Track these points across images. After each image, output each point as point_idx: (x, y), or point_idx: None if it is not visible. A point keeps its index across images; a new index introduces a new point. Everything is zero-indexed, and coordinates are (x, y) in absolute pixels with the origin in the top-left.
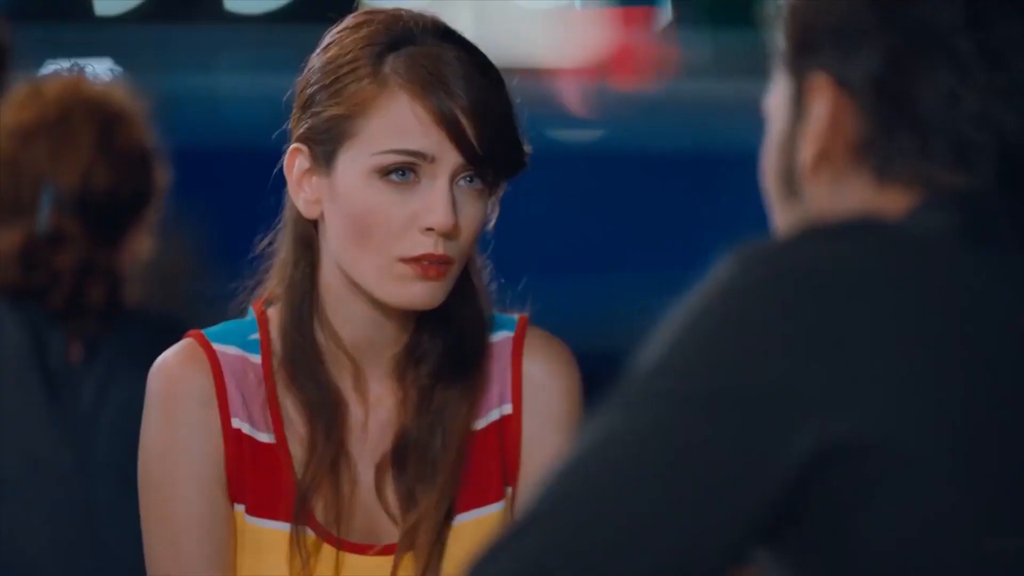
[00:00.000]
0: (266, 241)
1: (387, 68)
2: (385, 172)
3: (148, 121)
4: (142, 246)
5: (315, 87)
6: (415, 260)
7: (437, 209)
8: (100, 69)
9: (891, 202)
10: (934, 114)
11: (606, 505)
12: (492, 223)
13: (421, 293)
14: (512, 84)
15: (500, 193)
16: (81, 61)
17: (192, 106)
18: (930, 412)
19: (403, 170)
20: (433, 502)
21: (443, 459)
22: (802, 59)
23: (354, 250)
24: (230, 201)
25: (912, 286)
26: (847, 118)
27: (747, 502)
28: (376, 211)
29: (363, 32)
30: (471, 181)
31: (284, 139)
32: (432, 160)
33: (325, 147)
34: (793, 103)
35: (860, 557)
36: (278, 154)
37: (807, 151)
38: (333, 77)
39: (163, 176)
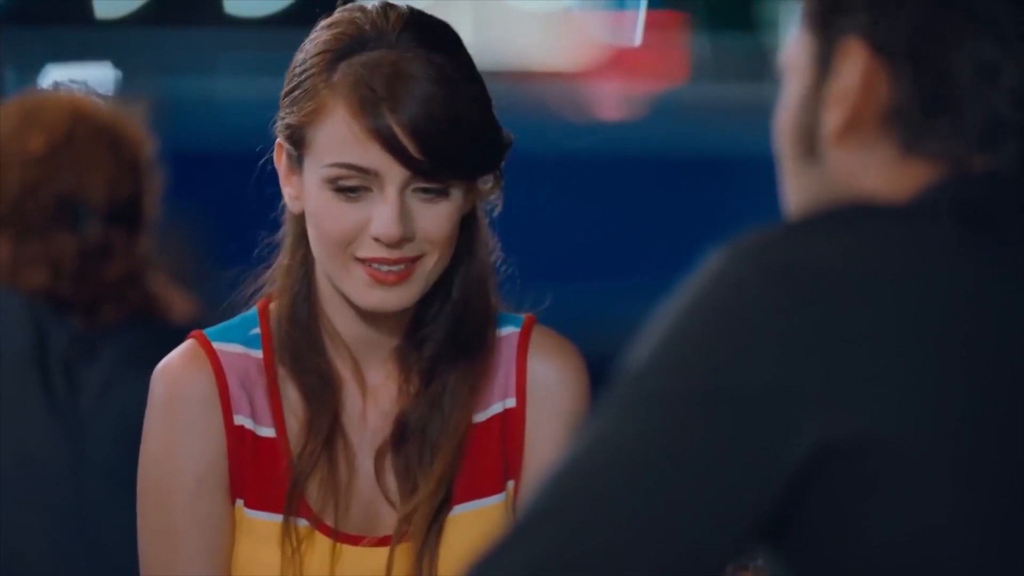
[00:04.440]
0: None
1: (335, 78)
2: (334, 182)
3: (142, 122)
4: (148, 244)
5: (286, 87)
6: (369, 262)
7: (383, 220)
8: (72, 74)
9: (912, 176)
10: (969, 87)
11: (603, 507)
12: (497, 209)
13: (386, 298)
14: (493, 81)
15: (492, 183)
16: (78, 64)
17: (192, 109)
18: (930, 410)
19: (352, 181)
20: (429, 489)
21: (442, 445)
22: (832, 19)
23: (321, 252)
24: (230, 204)
25: (911, 280)
26: (879, 85)
27: (746, 501)
28: (329, 219)
29: (325, 36)
30: (426, 190)
31: None
32: (377, 174)
33: (295, 150)
34: (819, 62)
35: (859, 556)
36: None
37: (835, 116)
38: (295, 83)
39: (160, 174)
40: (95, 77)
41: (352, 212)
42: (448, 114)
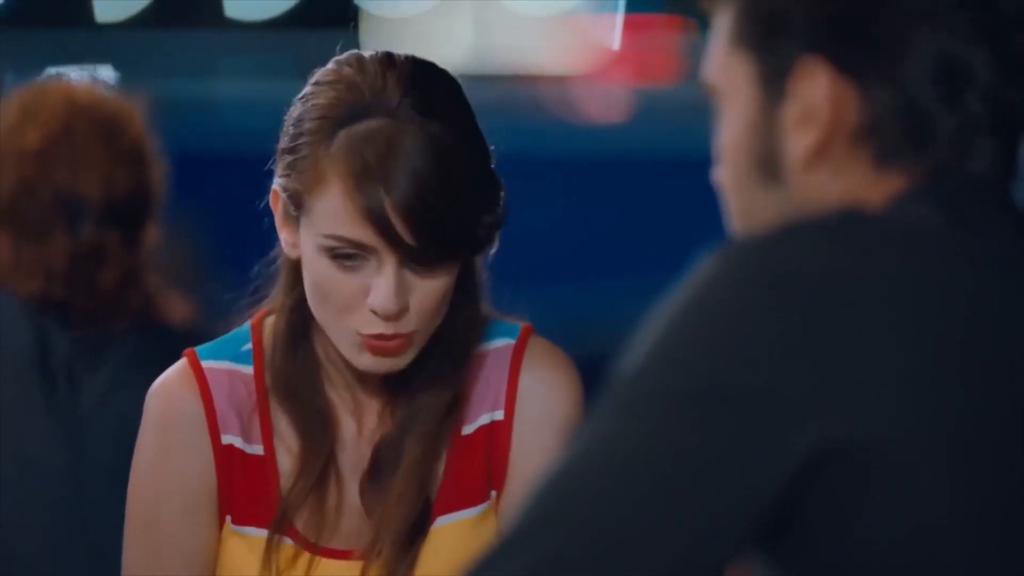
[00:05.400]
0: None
1: (333, 148)
2: (331, 252)
3: (143, 115)
4: (152, 243)
5: (284, 144)
6: (370, 336)
7: (380, 295)
8: (75, 72)
9: (887, 185)
10: (942, 93)
11: (602, 508)
12: (494, 249)
13: (381, 364)
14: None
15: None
16: (78, 67)
17: (192, 112)
18: (927, 410)
19: (348, 252)
20: (400, 512)
21: (415, 468)
22: (777, 39)
23: (317, 311)
24: (231, 208)
25: (902, 283)
26: (847, 104)
27: (745, 502)
28: (328, 286)
29: (322, 100)
30: (420, 264)
31: None
32: (374, 249)
33: (293, 210)
34: (766, 85)
35: (857, 556)
36: None
37: (802, 140)
38: (293, 144)
39: (162, 169)
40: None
41: (350, 282)
42: (442, 195)
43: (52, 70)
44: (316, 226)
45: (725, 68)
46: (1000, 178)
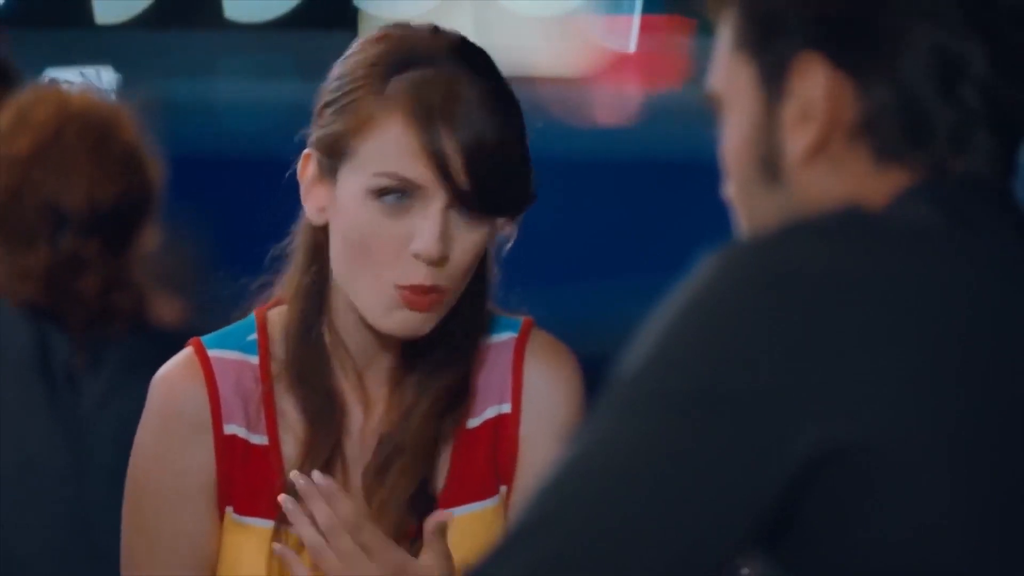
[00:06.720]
0: (283, 244)
1: (389, 89)
2: (379, 194)
3: (137, 119)
4: (149, 245)
5: (326, 98)
6: (408, 288)
7: (425, 237)
8: (70, 76)
9: (887, 183)
10: (939, 88)
11: (603, 508)
12: (510, 243)
13: (409, 322)
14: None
15: (517, 219)
16: (77, 69)
17: (192, 113)
18: (927, 410)
19: (397, 193)
20: (388, 494)
21: (420, 459)
22: (774, 39)
23: (350, 267)
24: (231, 208)
25: (902, 283)
26: (845, 100)
27: (745, 502)
28: (369, 232)
29: (376, 50)
30: (469, 211)
31: (284, 146)
32: (423, 189)
33: (330, 160)
34: (765, 85)
35: (857, 557)
36: (278, 161)
37: (801, 137)
38: (341, 92)
39: (159, 173)
40: (95, 81)
41: (393, 227)
42: (500, 145)
43: (52, 71)
44: (365, 166)
45: (728, 73)
46: (1000, 177)
